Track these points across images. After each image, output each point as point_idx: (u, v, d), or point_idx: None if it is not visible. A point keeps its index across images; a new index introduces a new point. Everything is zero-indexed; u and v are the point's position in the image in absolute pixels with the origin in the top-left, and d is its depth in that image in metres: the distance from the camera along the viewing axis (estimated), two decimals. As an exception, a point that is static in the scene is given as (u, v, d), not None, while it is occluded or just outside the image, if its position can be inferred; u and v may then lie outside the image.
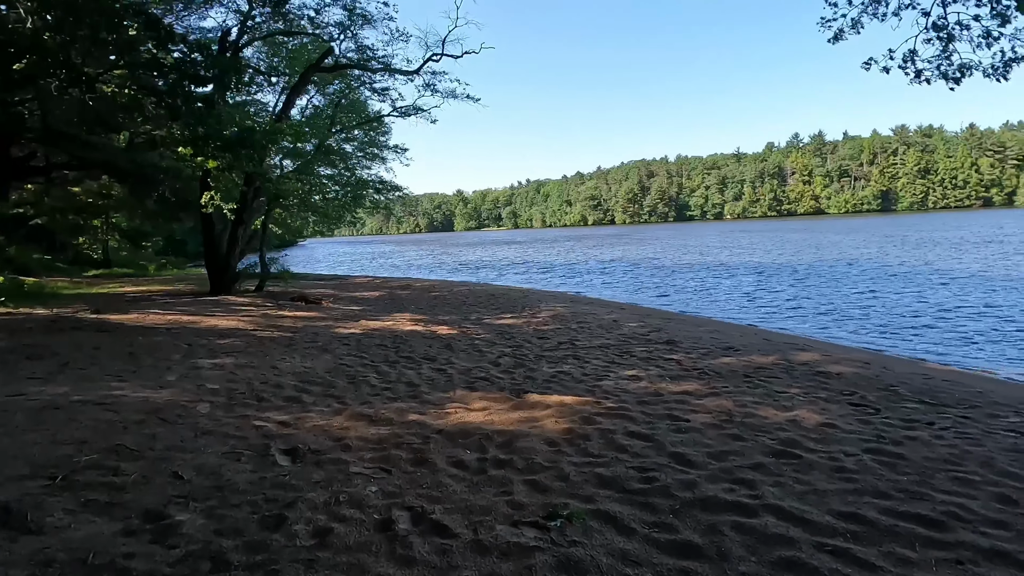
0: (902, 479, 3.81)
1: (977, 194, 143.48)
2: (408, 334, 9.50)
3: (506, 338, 9.34)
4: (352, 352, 7.74)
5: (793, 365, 7.31)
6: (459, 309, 13.52)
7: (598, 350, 8.37)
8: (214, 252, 13.52)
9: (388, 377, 6.43)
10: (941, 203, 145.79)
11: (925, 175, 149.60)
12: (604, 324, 10.87)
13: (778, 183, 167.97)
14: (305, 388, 5.65)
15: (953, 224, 60.98)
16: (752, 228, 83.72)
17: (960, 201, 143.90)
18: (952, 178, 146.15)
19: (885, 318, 12.28)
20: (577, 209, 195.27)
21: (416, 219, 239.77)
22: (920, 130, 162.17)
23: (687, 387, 6.22)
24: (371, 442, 4.20)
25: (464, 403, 5.43)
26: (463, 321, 11.36)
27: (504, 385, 6.22)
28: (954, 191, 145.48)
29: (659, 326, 10.64)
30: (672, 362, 7.55)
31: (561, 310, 13.09)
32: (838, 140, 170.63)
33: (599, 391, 6.01)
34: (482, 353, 8.05)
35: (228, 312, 10.56)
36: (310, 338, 8.53)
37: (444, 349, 8.29)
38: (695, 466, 3.96)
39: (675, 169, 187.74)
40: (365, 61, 14.61)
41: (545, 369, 7.07)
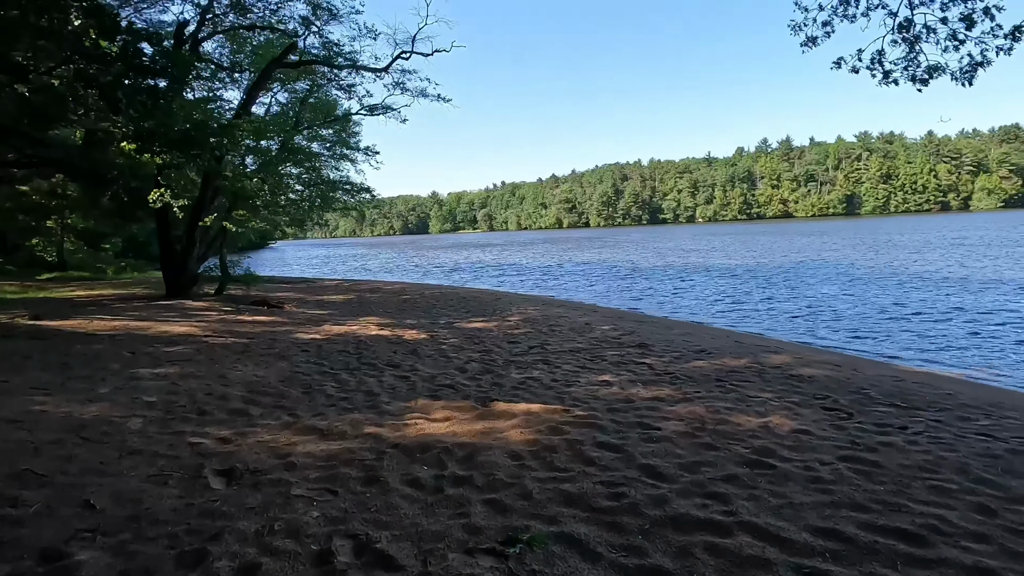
0: (879, 489, 3.66)
1: (935, 199, 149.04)
2: (373, 339, 9.13)
3: (475, 343, 9.05)
4: (311, 359, 7.34)
5: (765, 368, 7.20)
6: (428, 313, 13.17)
7: (569, 354, 8.14)
8: (170, 254, 12.87)
9: (347, 386, 6.07)
10: (902, 207, 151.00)
11: (887, 180, 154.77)
12: (576, 327, 10.67)
13: (748, 187, 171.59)
14: (254, 399, 5.26)
15: (914, 228, 62.99)
16: (724, 231, 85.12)
17: (919, 205, 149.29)
18: (912, 183, 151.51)
19: (855, 320, 12.37)
20: (552, 212, 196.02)
21: (390, 221, 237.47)
22: (882, 137, 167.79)
23: (659, 392, 6.02)
24: (319, 459, 3.86)
25: (425, 413, 5.12)
26: (432, 325, 11.03)
27: (469, 393, 5.93)
28: (914, 196, 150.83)
29: (632, 329, 10.49)
30: (644, 366, 7.37)
31: (533, 313, 12.86)
32: (805, 145, 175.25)
33: (568, 398, 5.76)
34: (449, 359, 7.75)
35: (182, 317, 10.01)
36: (267, 344, 8.10)
37: (409, 355, 7.96)
38: (666, 479, 3.74)
39: (648, 173, 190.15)
40: (331, 57, 14.16)
41: (514, 375, 6.80)
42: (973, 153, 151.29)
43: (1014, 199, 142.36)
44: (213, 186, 12.65)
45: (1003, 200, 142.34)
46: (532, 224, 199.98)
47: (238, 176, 10.62)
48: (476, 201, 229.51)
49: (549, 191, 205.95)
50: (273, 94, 16.29)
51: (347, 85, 14.76)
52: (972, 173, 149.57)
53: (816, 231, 66.13)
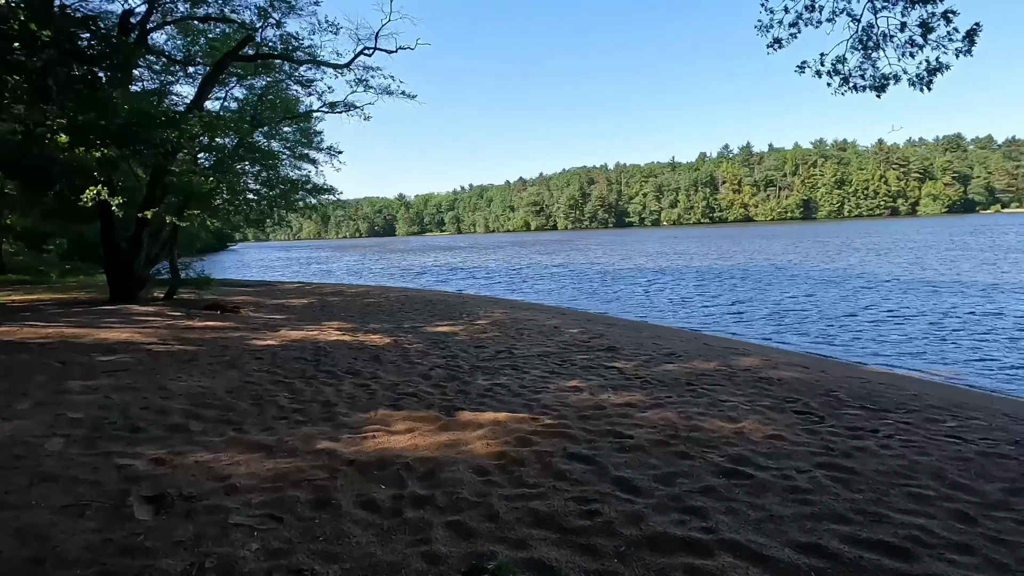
0: (858, 498, 3.53)
1: (886, 204, 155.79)
2: (333, 345, 8.70)
3: (440, 347, 8.73)
4: (264, 367, 6.90)
5: (735, 371, 7.12)
6: (393, 316, 12.76)
7: (537, 359, 7.91)
8: (115, 255, 12.05)
9: (301, 396, 5.68)
10: (855, 212, 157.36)
11: (841, 186, 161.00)
12: (544, 330, 10.46)
13: (710, 191, 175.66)
14: (196, 413, 4.83)
15: (869, 231, 65.48)
16: (689, 234, 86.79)
17: (871, 210, 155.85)
18: (864, 189, 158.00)
19: (818, 323, 12.56)
20: (520, 214, 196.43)
21: (356, 224, 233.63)
22: (836, 144, 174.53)
23: (630, 398, 5.84)
24: (264, 480, 3.51)
25: (386, 425, 4.79)
26: (396, 329, 10.64)
27: (433, 402, 5.62)
28: (866, 201, 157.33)
29: (601, 332, 10.34)
30: (614, 370, 7.20)
31: (500, 316, 12.60)
32: (764, 151, 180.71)
33: (537, 406, 5.52)
34: (413, 365, 7.41)
35: (125, 323, 9.34)
36: (217, 352, 7.59)
37: (371, 361, 7.58)
38: (641, 493, 3.53)
39: (615, 176, 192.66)
40: (290, 52, 13.60)
41: (480, 382, 6.52)
42: (920, 161, 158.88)
43: (956, 205, 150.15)
44: (162, 183, 11.94)
45: (947, 205, 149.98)
46: (500, 227, 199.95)
47: (187, 172, 9.96)
48: (444, 203, 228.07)
49: (517, 194, 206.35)
50: (228, 89, 15.59)
51: (306, 80, 14.21)
52: (919, 180, 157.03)
53: (777, 235, 68.03)
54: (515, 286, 23.76)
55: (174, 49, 15.70)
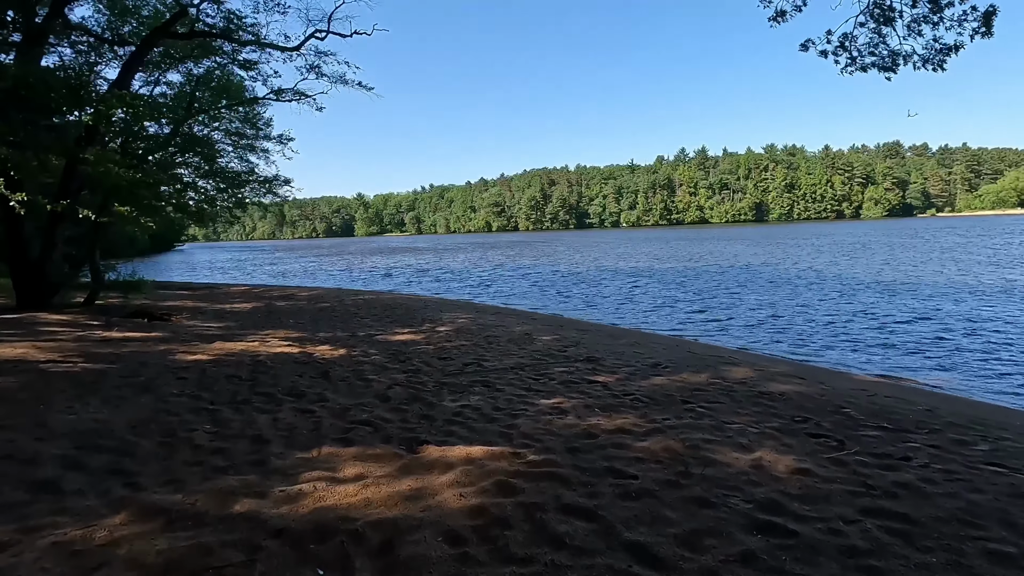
0: (931, 561, 2.81)
1: (832, 207, 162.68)
2: (275, 359, 7.59)
3: (400, 360, 7.74)
4: (188, 389, 5.77)
5: (731, 385, 6.44)
6: (347, 323, 11.64)
7: (511, 372, 7.04)
8: (21, 256, 10.49)
9: (227, 429, 4.62)
10: (804, 215, 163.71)
11: (791, 189, 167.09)
12: (515, 338, 9.60)
13: (668, 194, 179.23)
14: (79, 461, 3.73)
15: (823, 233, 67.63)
16: (650, 236, 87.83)
17: (819, 213, 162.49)
18: (812, 193, 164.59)
19: (796, 326, 12.16)
20: (481, 215, 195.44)
21: (313, 223, 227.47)
22: (786, 149, 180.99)
23: (622, 421, 5.04)
24: (150, 571, 2.50)
25: (331, 469, 3.82)
26: (350, 339, 9.57)
27: (392, 432, 4.67)
28: (814, 204, 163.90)
29: (576, 339, 9.56)
30: (598, 385, 6.40)
31: (466, 322, 11.67)
32: (719, 156, 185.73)
33: (517, 434, 4.65)
34: (368, 383, 6.41)
35: (23, 336, 7.95)
36: (131, 371, 6.38)
37: (319, 379, 6.54)
38: (666, 567, 2.71)
39: (575, 178, 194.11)
40: (230, 30, 12.27)
41: (447, 403, 5.60)
42: (862, 166, 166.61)
43: (896, 208, 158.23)
44: (78, 175, 10.45)
45: (887, 209, 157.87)
46: (461, 227, 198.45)
47: (101, 161, 8.58)
48: (404, 203, 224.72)
49: (478, 194, 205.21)
50: (162, 73, 14.03)
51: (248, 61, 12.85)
52: (862, 184, 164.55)
53: (736, 236, 69.47)
54: (479, 289, 22.83)
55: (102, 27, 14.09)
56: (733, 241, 56.45)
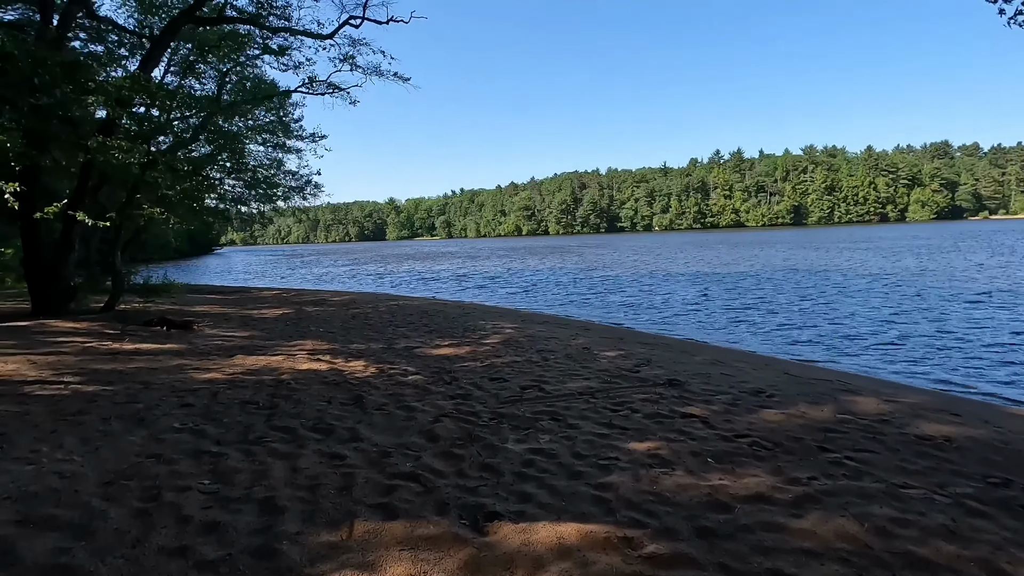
0: None
1: (875, 210, 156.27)
2: (301, 377, 6.51)
3: (445, 380, 6.56)
4: (191, 422, 4.68)
5: (870, 423, 5.03)
6: (381, 332, 10.55)
7: (581, 400, 5.77)
8: (36, 257, 9.76)
9: (231, 486, 3.49)
10: (845, 218, 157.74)
11: (831, 192, 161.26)
12: (573, 353, 8.32)
13: (702, 197, 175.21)
14: (7, 551, 2.61)
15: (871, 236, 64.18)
16: (687, 240, 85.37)
17: (861, 216, 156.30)
18: (854, 195, 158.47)
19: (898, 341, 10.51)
20: (511, 219, 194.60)
21: (346, 227, 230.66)
22: (826, 150, 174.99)
23: (753, 480, 3.72)
24: None
25: (368, 565, 2.63)
26: (386, 352, 8.45)
27: (447, 494, 3.46)
28: (855, 207, 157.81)
29: (645, 356, 8.22)
30: (695, 421, 5.08)
31: (512, 332, 10.45)
32: (755, 157, 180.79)
33: (617, 502, 3.38)
34: (410, 413, 5.23)
35: (25, 347, 7.09)
36: (129, 395, 5.35)
37: (351, 406, 5.40)
38: None
39: (606, 181, 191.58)
40: (260, 16, 11.41)
41: (512, 446, 4.37)
42: (908, 168, 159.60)
43: (944, 211, 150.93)
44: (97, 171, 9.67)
45: (935, 212, 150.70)
46: (491, 231, 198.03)
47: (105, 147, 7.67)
48: (434, 208, 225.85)
49: (508, 198, 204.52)
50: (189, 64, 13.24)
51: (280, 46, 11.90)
52: (907, 186, 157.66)
53: (781, 240, 66.67)
54: (517, 294, 21.60)
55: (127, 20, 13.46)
56: (783, 245, 53.87)
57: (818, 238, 66.27)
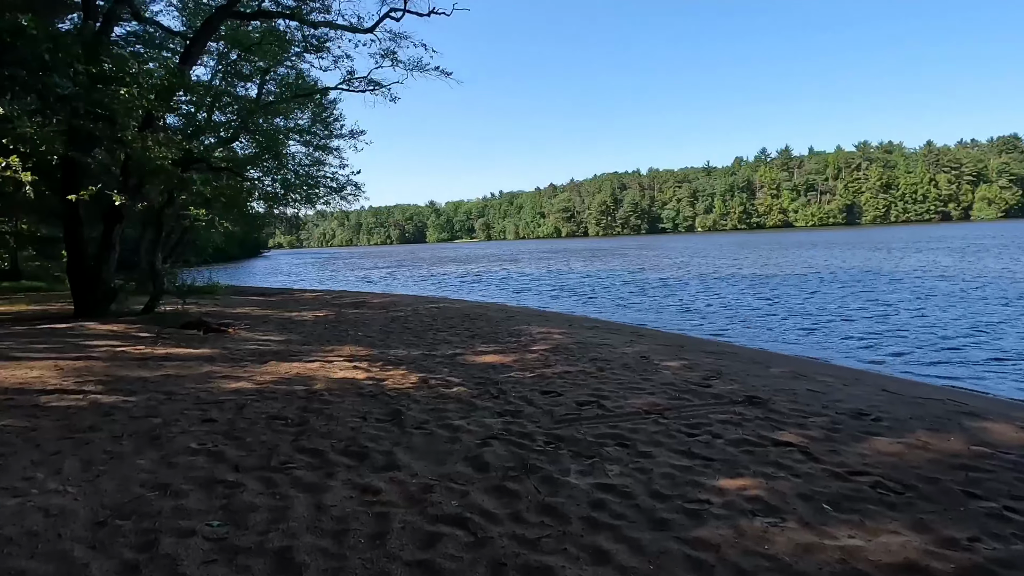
0: None
1: (936, 208, 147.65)
2: (336, 388, 5.96)
3: (492, 394, 5.89)
4: (211, 442, 4.16)
5: (1018, 459, 4.07)
6: (422, 337, 10.00)
7: (649, 421, 4.99)
8: (80, 260, 9.69)
9: (243, 530, 2.90)
10: (902, 217, 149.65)
11: (887, 190, 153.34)
12: (631, 363, 7.52)
13: (747, 196, 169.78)
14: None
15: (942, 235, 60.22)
16: (734, 240, 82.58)
17: (920, 215, 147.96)
18: (912, 193, 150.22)
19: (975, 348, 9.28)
20: (550, 221, 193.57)
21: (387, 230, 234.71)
22: (881, 146, 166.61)
23: (893, 540, 2.88)
24: None
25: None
26: (427, 359, 7.86)
27: (503, 547, 2.77)
28: (914, 205, 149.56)
29: (713, 366, 7.34)
30: (794, 451, 4.23)
31: (561, 338, 9.72)
32: (804, 155, 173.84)
33: (724, 570, 2.61)
34: (454, 433, 4.58)
35: (54, 351, 6.84)
36: (148, 408, 4.90)
37: (388, 424, 4.80)
38: None
39: (647, 182, 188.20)
40: (299, 10, 11.09)
41: (575, 480, 3.65)
42: (972, 163, 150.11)
43: (1014, 209, 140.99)
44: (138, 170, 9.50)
45: (1003, 210, 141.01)
46: (530, 233, 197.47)
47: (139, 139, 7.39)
48: (474, 210, 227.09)
49: (547, 200, 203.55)
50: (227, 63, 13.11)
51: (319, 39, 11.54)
52: (972, 183, 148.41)
53: (832, 241, 63.48)
54: (561, 297, 20.80)
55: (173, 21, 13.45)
56: (841, 245, 51.09)
57: (877, 238, 62.69)
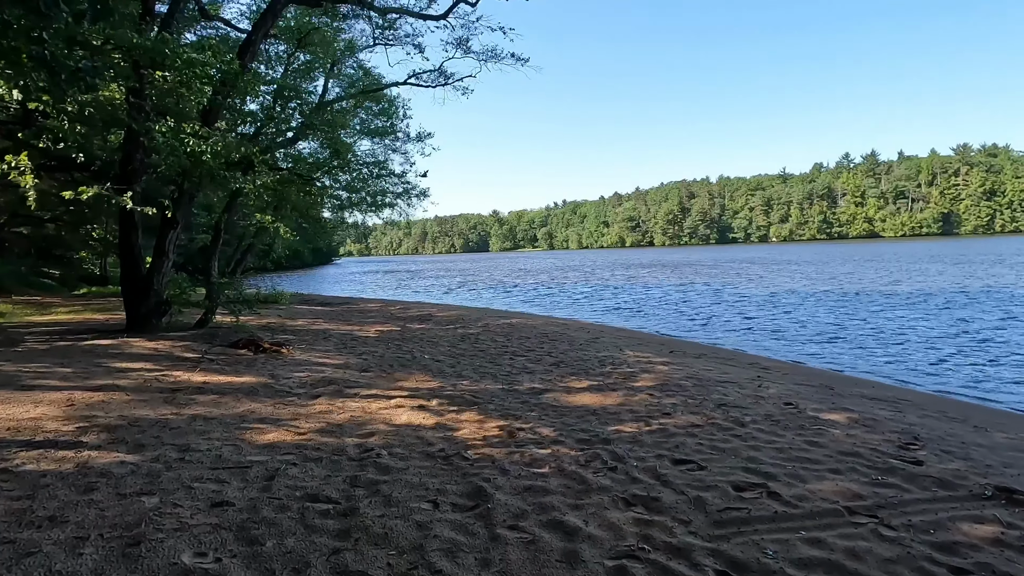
0: None
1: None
2: (397, 444, 4.56)
3: (604, 461, 4.27)
4: (213, 545, 2.81)
5: None
6: (497, 363, 8.54)
7: (858, 528, 3.22)
8: (133, 269, 8.97)
9: None
10: (1010, 226, 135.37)
11: (991, 197, 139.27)
12: (776, 414, 5.67)
13: (828, 204, 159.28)
14: None
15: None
16: (818, 251, 76.87)
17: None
18: (1022, 200, 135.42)
19: None
20: (615, 230, 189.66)
21: (451, 239, 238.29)
22: (984, 149, 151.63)
23: None
24: None
25: None
26: (507, 396, 6.36)
27: None
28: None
29: (899, 424, 5.37)
30: None
31: (666, 369, 7.97)
32: (893, 160, 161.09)
33: None
34: (569, 540, 3.03)
35: (83, 375, 5.88)
36: (149, 477, 3.63)
37: (469, 515, 3.31)
38: None
39: (717, 190, 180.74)
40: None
41: None
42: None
43: None
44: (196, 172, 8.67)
45: None
46: (593, 243, 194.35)
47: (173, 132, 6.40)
48: (536, 220, 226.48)
49: (611, 209, 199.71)
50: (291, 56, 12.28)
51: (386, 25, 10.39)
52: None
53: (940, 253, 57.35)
54: (643, 314, 18.82)
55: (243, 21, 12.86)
56: (950, 258, 45.78)
57: (993, 249, 55.89)
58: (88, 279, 30.30)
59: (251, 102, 9.78)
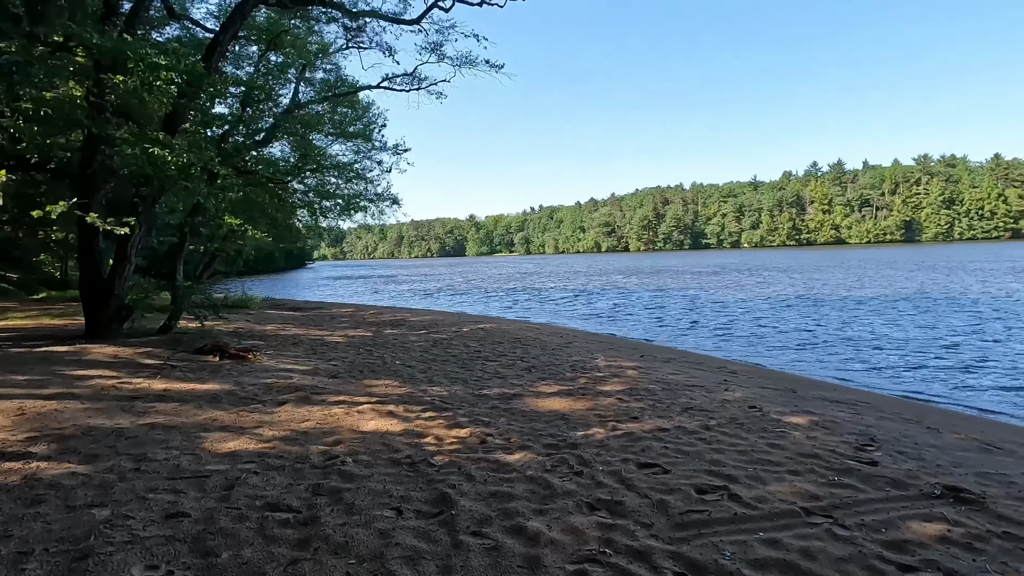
0: None
1: (1005, 225, 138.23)
2: (363, 450, 4.51)
3: (571, 465, 4.30)
4: (165, 560, 2.73)
5: None
6: (468, 367, 8.52)
7: (814, 528, 3.31)
8: (92, 273, 8.68)
9: None
10: (968, 234, 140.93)
11: (950, 205, 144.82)
12: (741, 417, 5.78)
13: (797, 212, 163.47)
14: None
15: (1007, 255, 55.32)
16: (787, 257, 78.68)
17: (987, 232, 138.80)
18: (979, 209, 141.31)
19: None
20: (590, 235, 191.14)
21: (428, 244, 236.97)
22: (943, 160, 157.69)
23: None
24: None
25: None
26: (476, 400, 6.35)
27: None
28: (980, 222, 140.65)
29: (857, 426, 5.53)
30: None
31: (635, 374, 8.05)
32: (858, 169, 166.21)
33: None
34: (532, 545, 3.04)
35: (37, 384, 5.64)
36: (103, 486, 3.51)
37: (432, 522, 3.29)
38: None
39: (691, 197, 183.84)
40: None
41: None
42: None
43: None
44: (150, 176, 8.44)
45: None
46: (570, 248, 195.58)
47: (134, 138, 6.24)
48: (513, 224, 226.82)
49: (587, 214, 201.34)
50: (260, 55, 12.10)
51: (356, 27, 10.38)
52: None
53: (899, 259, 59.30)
54: (616, 319, 18.99)
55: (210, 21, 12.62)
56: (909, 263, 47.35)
57: (949, 256, 58.03)
58: (48, 283, 29.32)
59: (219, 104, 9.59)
